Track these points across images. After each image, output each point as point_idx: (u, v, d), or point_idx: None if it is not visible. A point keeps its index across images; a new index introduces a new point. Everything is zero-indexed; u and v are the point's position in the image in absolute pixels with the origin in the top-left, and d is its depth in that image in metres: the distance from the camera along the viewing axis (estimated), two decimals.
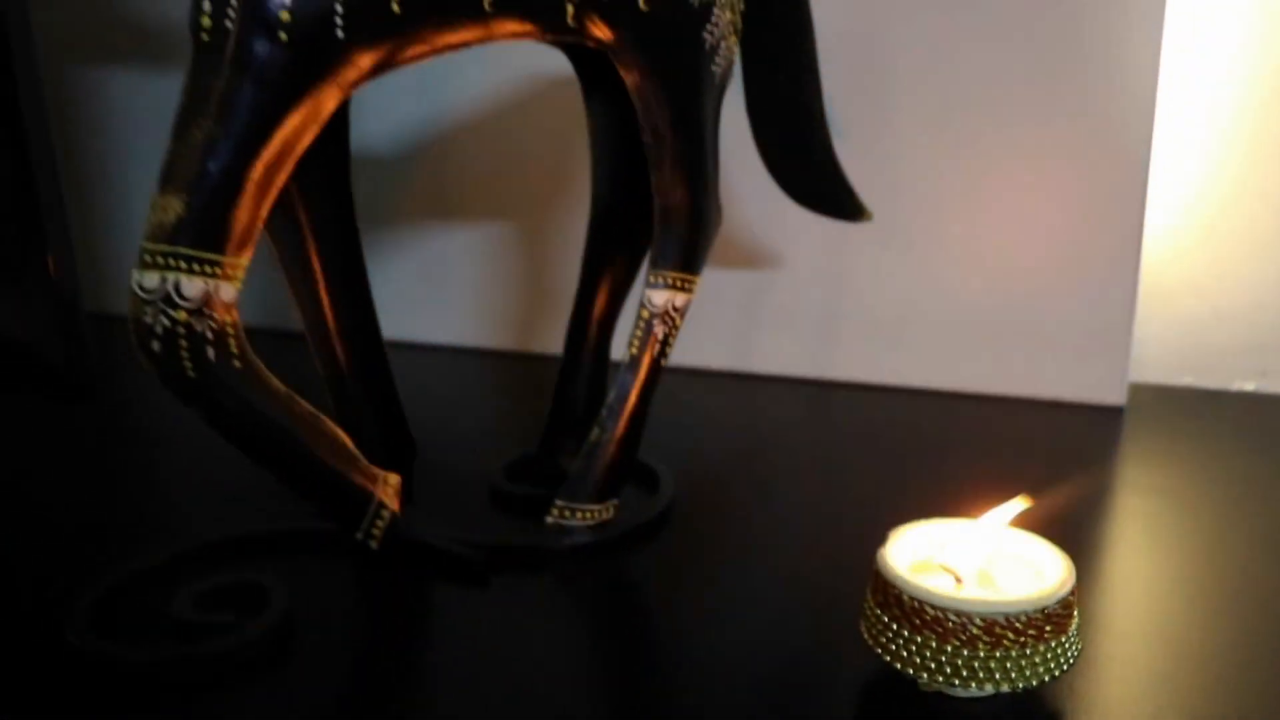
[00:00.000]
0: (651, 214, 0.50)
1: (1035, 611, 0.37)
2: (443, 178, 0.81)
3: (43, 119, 0.61)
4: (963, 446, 0.66)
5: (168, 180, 0.38)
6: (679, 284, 0.49)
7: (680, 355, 0.72)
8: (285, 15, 0.37)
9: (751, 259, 0.76)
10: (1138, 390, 0.75)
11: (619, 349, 0.52)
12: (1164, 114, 0.72)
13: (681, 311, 0.50)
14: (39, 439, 0.65)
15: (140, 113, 0.87)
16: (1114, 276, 0.71)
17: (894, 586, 0.38)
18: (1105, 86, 0.68)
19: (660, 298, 0.49)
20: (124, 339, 0.39)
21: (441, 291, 0.83)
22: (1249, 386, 0.77)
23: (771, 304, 0.77)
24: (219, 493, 0.56)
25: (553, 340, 0.81)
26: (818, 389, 0.76)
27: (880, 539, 0.41)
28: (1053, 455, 0.64)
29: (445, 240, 0.83)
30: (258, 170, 0.38)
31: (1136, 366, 0.77)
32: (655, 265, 0.49)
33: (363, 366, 0.49)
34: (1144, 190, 0.69)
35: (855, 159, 0.60)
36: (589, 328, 0.56)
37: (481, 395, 0.75)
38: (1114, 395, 0.72)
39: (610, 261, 0.55)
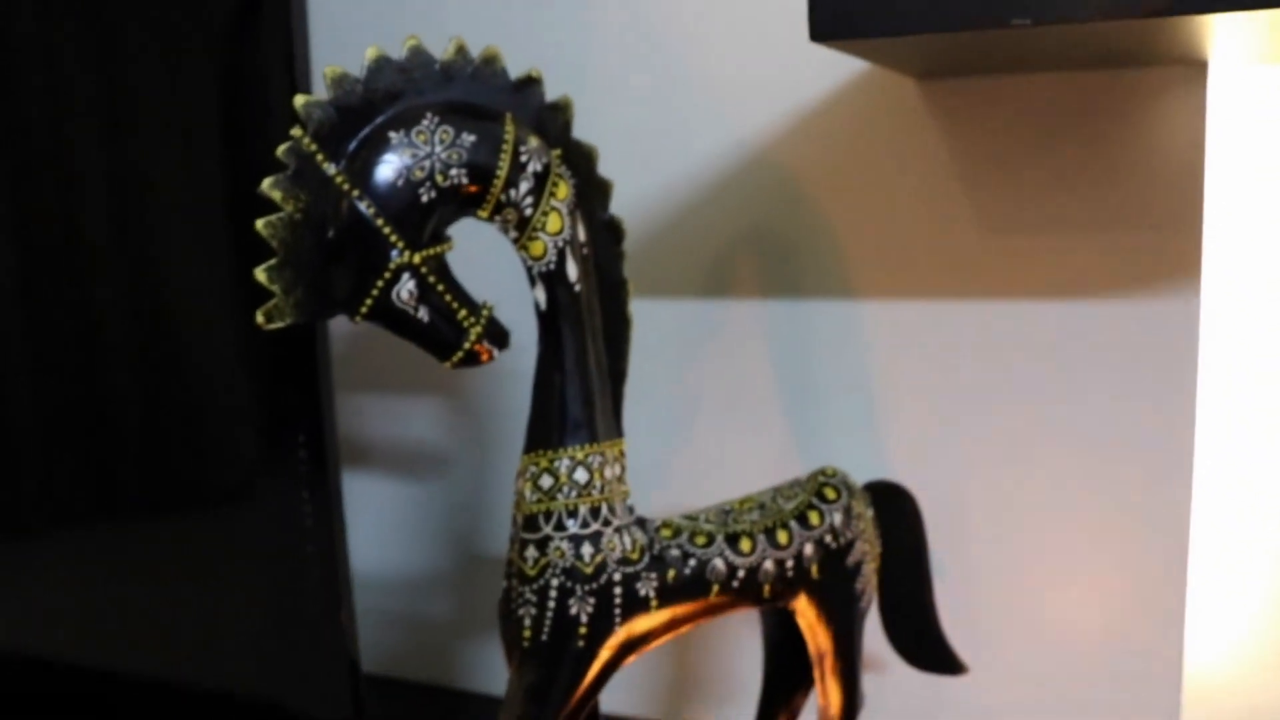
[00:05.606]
0: (804, 681, 0.68)
1: None
2: None
3: (340, 508, 0.82)
4: None
5: None
6: None
7: None
8: (583, 629, 0.56)
9: None
10: None
11: None
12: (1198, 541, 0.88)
13: None
14: None
15: None
16: (1159, 683, 0.85)
17: None
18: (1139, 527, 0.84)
19: None
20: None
21: None
22: None
23: None
24: None
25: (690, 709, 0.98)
26: None
27: None
28: None
29: None
30: None
31: None
32: None
33: None
34: (1183, 600, 0.83)
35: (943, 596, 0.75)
36: None
37: None
38: None
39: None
